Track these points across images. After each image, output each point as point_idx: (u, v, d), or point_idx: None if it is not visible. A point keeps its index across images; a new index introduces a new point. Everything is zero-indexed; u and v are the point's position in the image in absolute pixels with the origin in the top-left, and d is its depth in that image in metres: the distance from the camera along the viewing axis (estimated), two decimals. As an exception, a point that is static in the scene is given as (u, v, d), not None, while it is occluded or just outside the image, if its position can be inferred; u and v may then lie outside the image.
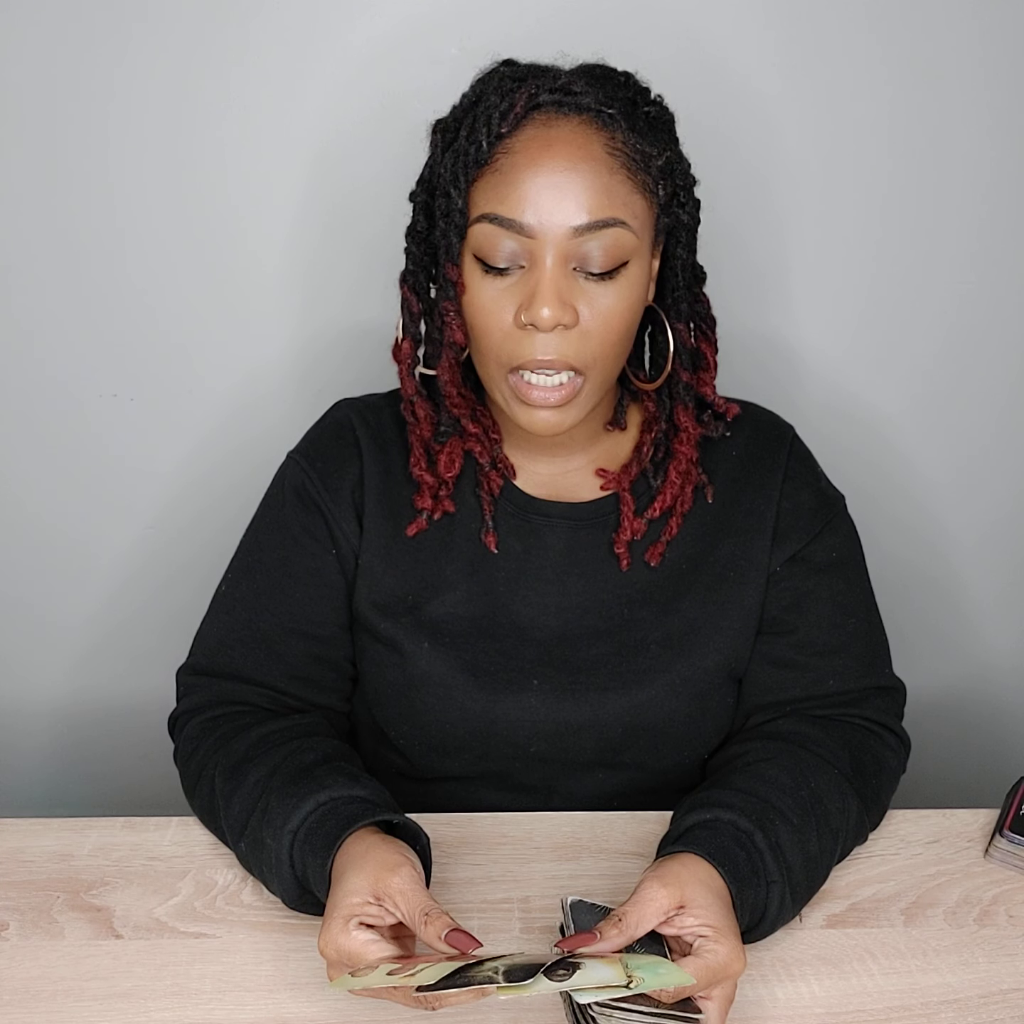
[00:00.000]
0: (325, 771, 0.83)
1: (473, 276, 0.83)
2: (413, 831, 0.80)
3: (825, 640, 0.95)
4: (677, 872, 0.74)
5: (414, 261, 0.89)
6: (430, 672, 0.93)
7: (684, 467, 0.94)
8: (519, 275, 0.82)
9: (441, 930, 0.68)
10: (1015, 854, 0.90)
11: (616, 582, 0.95)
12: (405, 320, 0.91)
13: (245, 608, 0.96)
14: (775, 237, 1.19)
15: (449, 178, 0.83)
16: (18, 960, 0.80)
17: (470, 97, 0.85)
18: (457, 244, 0.83)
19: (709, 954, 0.70)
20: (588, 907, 0.77)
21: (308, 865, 0.78)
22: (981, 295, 1.23)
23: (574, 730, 0.94)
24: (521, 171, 0.80)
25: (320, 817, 0.79)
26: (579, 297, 0.81)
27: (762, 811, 0.82)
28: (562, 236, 0.79)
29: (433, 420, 0.93)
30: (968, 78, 1.11)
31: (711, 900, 0.72)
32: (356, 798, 0.81)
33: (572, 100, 0.81)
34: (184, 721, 0.96)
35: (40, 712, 1.44)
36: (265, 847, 0.80)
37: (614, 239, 0.80)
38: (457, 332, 0.86)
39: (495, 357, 0.85)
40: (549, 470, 0.97)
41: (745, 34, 1.09)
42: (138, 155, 1.11)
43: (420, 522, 0.94)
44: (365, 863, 0.74)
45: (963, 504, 1.35)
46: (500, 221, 0.80)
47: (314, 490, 0.96)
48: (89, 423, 1.25)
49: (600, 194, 0.80)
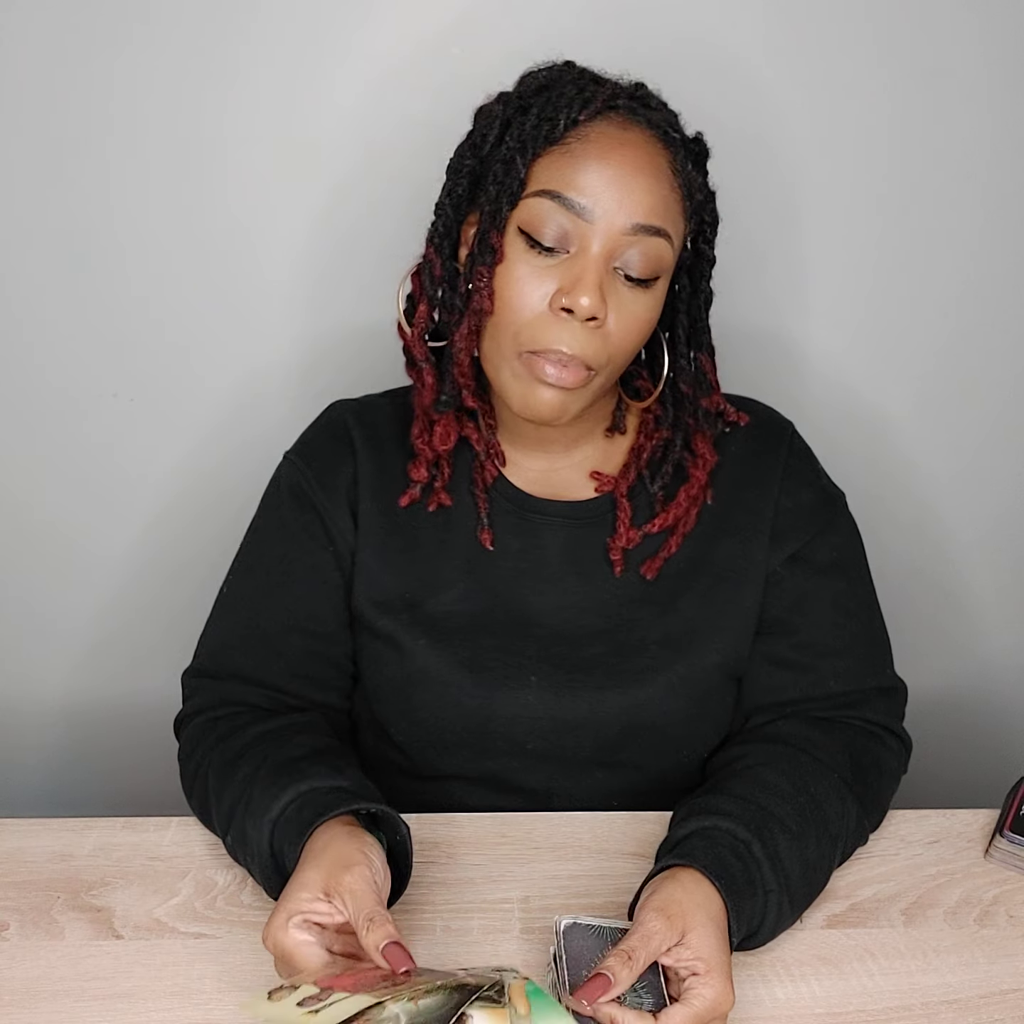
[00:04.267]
0: (309, 763, 0.84)
1: (514, 248, 0.83)
2: (393, 821, 0.80)
3: (826, 641, 0.95)
4: (679, 900, 0.73)
5: (445, 223, 0.88)
6: (427, 669, 0.93)
7: (695, 492, 0.94)
8: (562, 258, 0.82)
9: (381, 940, 0.68)
10: (1015, 854, 0.90)
11: (614, 582, 0.95)
12: (424, 283, 0.89)
13: (246, 607, 0.97)
14: (779, 234, 1.19)
15: (515, 147, 0.82)
16: (18, 960, 0.80)
17: (539, 81, 0.85)
18: (506, 212, 0.83)
19: (697, 1000, 0.69)
20: (583, 929, 0.77)
21: (285, 854, 0.78)
22: (983, 293, 1.23)
23: (571, 728, 0.94)
24: (593, 158, 0.81)
25: (298, 807, 0.79)
26: (611, 297, 0.82)
27: (760, 819, 0.81)
28: (616, 230, 0.81)
29: (436, 389, 0.92)
30: (971, 78, 1.11)
31: (709, 929, 0.72)
32: (336, 788, 0.81)
33: (646, 112, 0.83)
34: (187, 723, 0.97)
35: (40, 712, 1.44)
36: (248, 838, 0.81)
37: (658, 250, 0.82)
38: (487, 300, 0.84)
39: (514, 335, 0.84)
40: (542, 466, 0.97)
41: (756, 31, 1.09)
42: (139, 156, 1.11)
43: (413, 492, 0.95)
44: (323, 857, 0.73)
45: (964, 502, 1.35)
46: (562, 200, 0.80)
47: (309, 489, 0.96)
48: (89, 423, 1.25)
49: (660, 202, 0.82)
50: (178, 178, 1.13)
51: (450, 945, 0.81)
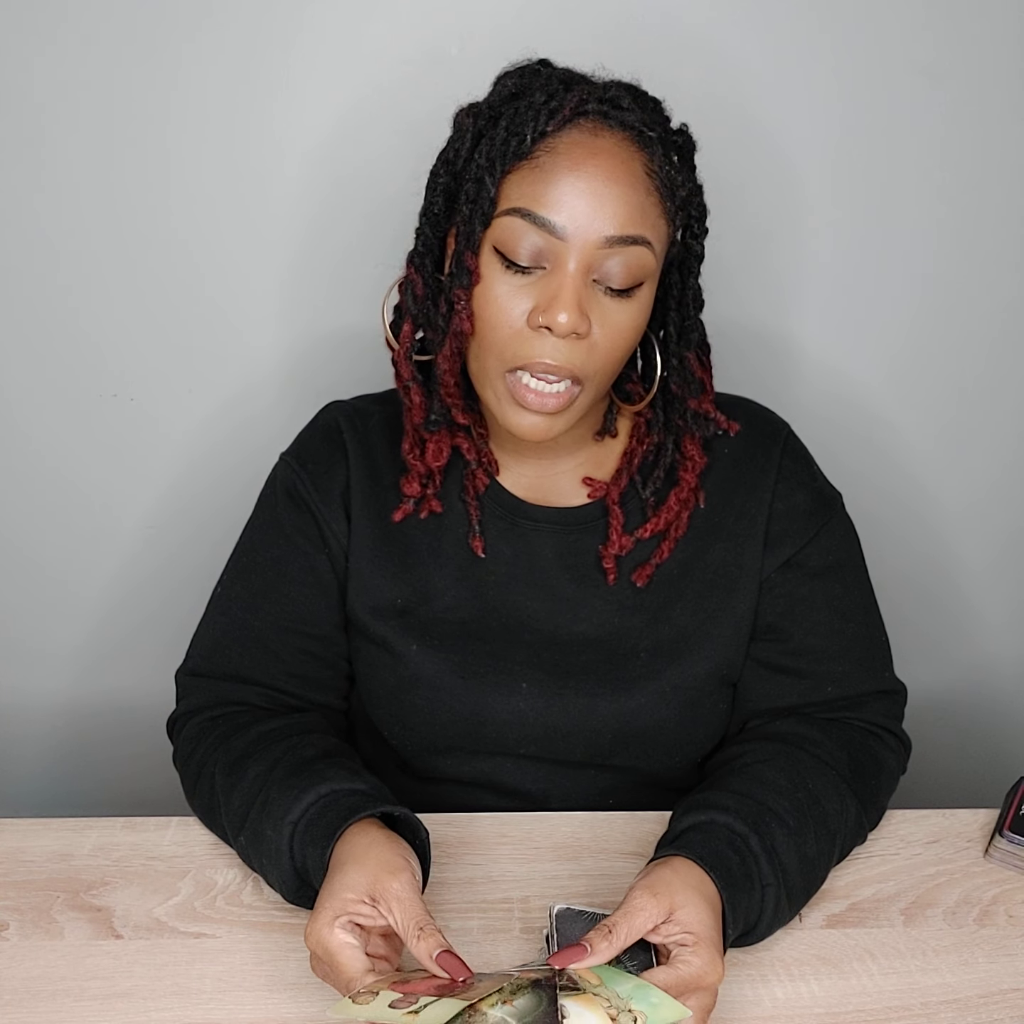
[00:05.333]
0: (326, 764, 0.84)
1: (490, 268, 0.81)
2: (413, 825, 0.80)
3: (823, 646, 0.94)
4: (668, 880, 0.73)
5: (424, 243, 0.88)
6: (419, 674, 0.93)
7: (686, 495, 0.94)
8: (539, 275, 0.80)
9: (433, 949, 0.68)
10: (1015, 854, 0.90)
11: (606, 589, 0.94)
12: (408, 302, 0.89)
13: (240, 608, 0.96)
14: (778, 233, 1.19)
15: (484, 165, 0.80)
16: (18, 960, 0.80)
17: (509, 88, 0.83)
18: (480, 233, 0.81)
19: (682, 964, 0.69)
20: (576, 915, 0.77)
21: (308, 856, 0.78)
22: (985, 293, 1.23)
23: (563, 734, 0.93)
24: (562, 172, 0.78)
25: (321, 808, 0.79)
26: (593, 309, 0.81)
27: (758, 814, 0.81)
28: (592, 244, 0.79)
29: (425, 407, 0.91)
30: (970, 73, 1.11)
31: (700, 907, 0.72)
32: (356, 791, 0.81)
33: (618, 114, 0.80)
34: (183, 723, 0.96)
35: (40, 712, 1.44)
36: (265, 839, 0.81)
37: (638, 258, 0.80)
38: (466, 321, 0.83)
39: (497, 354, 0.83)
40: (534, 472, 0.96)
41: (750, 30, 1.09)
42: (137, 157, 1.11)
43: (406, 507, 0.94)
44: (366, 859, 0.73)
45: (964, 502, 1.35)
46: (532, 218, 0.79)
47: (305, 491, 0.96)
48: (89, 423, 1.25)
49: (635, 210, 0.79)
50: (175, 179, 1.13)
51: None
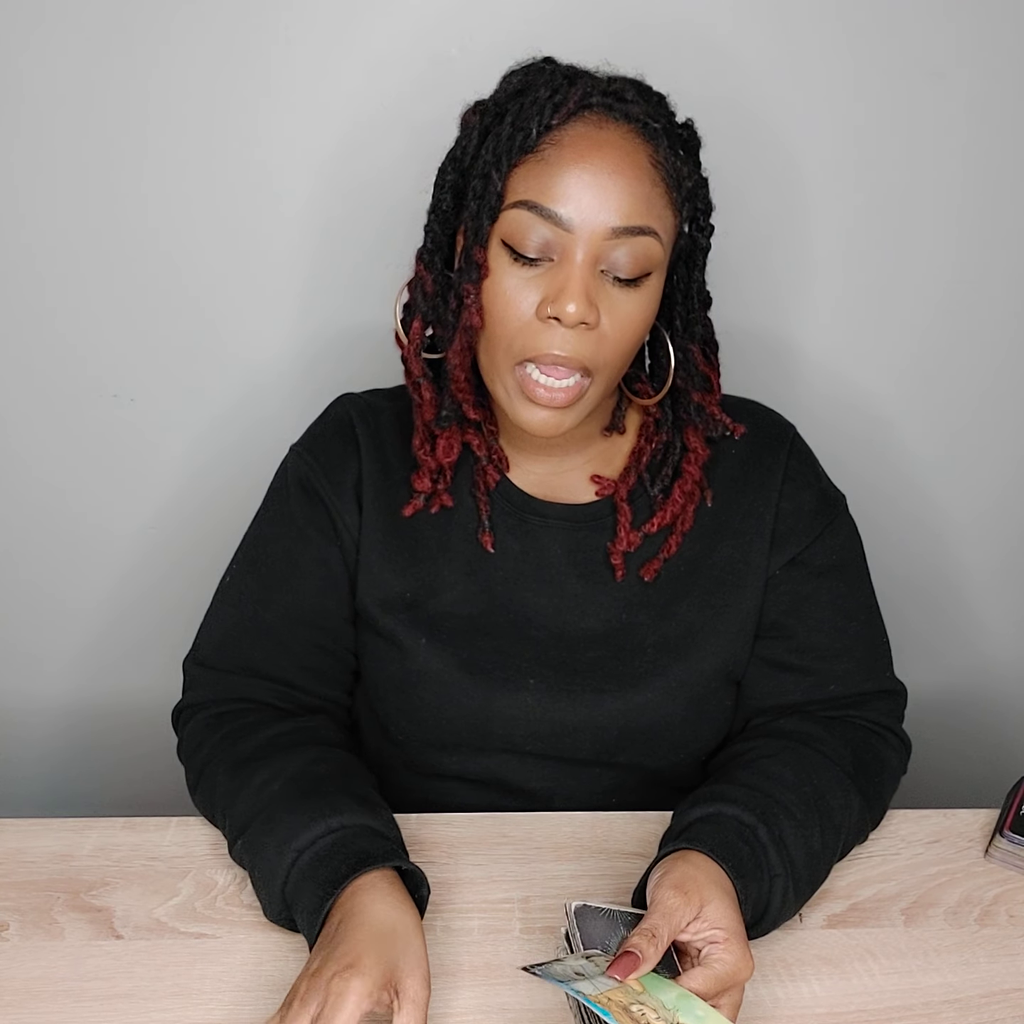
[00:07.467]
0: (336, 788, 0.83)
1: (499, 262, 0.82)
2: (417, 879, 0.80)
3: (826, 644, 0.95)
4: (693, 876, 0.74)
5: (433, 240, 0.88)
6: (427, 668, 0.93)
7: (690, 488, 0.94)
8: (547, 267, 0.81)
9: None
10: (1015, 854, 0.90)
11: (614, 585, 0.95)
12: (417, 299, 0.90)
13: (251, 600, 0.96)
14: (783, 236, 1.19)
15: (491, 160, 0.82)
16: (18, 960, 0.80)
17: (514, 85, 0.84)
18: (487, 227, 0.82)
19: (718, 963, 0.70)
20: (593, 911, 0.77)
21: (304, 891, 0.77)
22: (990, 299, 1.23)
23: (570, 731, 0.94)
24: (568, 165, 0.79)
25: (330, 846, 0.79)
26: (602, 300, 0.81)
27: (765, 806, 0.82)
28: (599, 235, 0.79)
29: (436, 403, 0.92)
30: (971, 70, 1.11)
31: (725, 902, 0.73)
32: (367, 828, 0.80)
33: (622, 107, 0.81)
34: (188, 715, 0.96)
35: (40, 712, 1.44)
36: (265, 855, 0.80)
37: (645, 248, 0.81)
38: (475, 315, 0.84)
39: (506, 347, 0.84)
40: (544, 469, 0.96)
41: (756, 30, 1.09)
42: (136, 155, 1.11)
43: (417, 503, 0.95)
44: (383, 943, 0.71)
45: (966, 503, 1.35)
46: (539, 210, 0.80)
47: (318, 483, 0.96)
48: (89, 423, 1.25)
49: (640, 201, 0.80)
50: (177, 180, 1.13)
51: (450, 945, 0.81)
